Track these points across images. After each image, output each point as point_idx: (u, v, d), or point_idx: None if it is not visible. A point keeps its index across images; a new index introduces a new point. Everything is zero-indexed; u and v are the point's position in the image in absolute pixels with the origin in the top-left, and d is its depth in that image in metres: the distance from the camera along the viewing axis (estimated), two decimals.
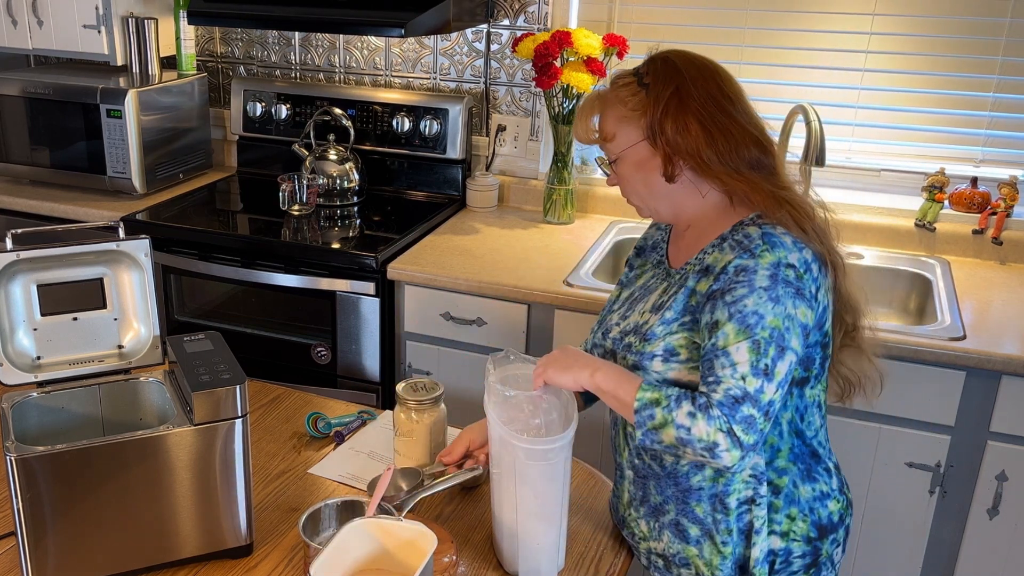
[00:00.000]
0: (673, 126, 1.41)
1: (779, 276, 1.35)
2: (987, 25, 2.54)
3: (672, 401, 1.35)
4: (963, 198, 2.61)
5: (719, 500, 1.44)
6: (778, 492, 1.44)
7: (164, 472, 1.36)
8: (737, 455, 1.32)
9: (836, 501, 1.49)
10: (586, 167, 2.96)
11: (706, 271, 1.42)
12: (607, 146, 1.50)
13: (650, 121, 1.42)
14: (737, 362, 1.32)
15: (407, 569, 1.17)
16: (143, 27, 2.97)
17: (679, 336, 1.41)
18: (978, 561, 2.22)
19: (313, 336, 2.62)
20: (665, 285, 1.51)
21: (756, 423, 1.32)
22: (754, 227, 1.41)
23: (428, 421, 1.64)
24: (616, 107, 1.47)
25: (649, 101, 1.42)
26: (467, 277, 2.42)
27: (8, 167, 3.05)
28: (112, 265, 1.49)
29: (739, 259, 1.37)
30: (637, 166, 1.47)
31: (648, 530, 1.52)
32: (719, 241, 1.44)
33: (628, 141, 1.46)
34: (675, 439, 1.34)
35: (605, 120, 1.49)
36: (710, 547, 1.46)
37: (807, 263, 1.38)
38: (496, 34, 2.91)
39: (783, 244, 1.37)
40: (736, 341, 1.33)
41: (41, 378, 1.45)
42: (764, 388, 1.32)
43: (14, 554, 1.41)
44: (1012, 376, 2.06)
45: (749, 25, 2.72)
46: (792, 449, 1.45)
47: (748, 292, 1.34)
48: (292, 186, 2.79)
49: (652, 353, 1.42)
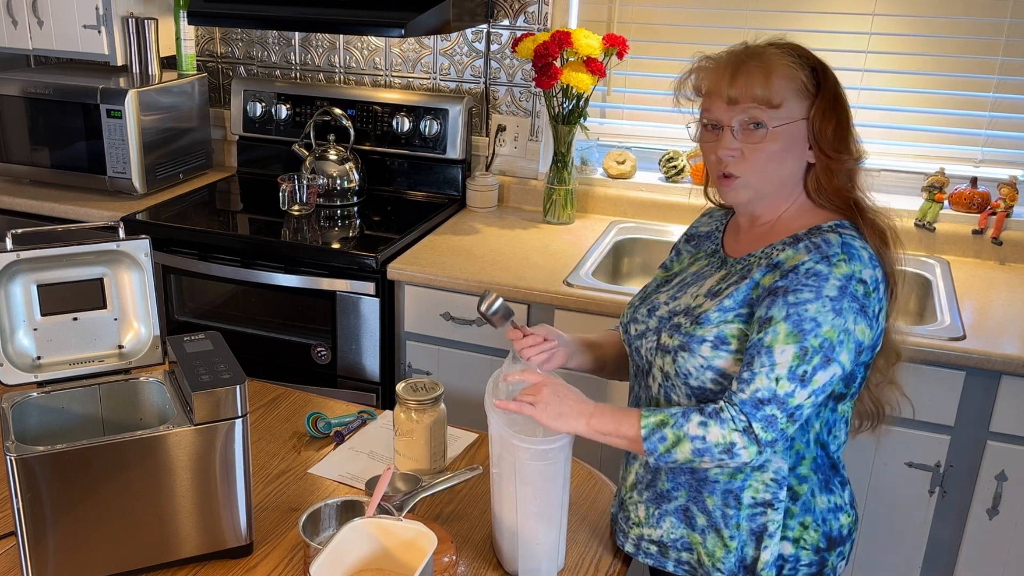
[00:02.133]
0: (838, 121, 1.40)
1: (848, 289, 1.33)
2: (987, 25, 2.54)
3: (679, 418, 1.35)
4: (963, 198, 2.61)
5: (732, 495, 1.43)
6: (796, 499, 1.44)
7: (164, 472, 1.36)
8: (755, 451, 1.33)
9: (847, 515, 1.49)
10: (586, 167, 2.96)
11: (775, 267, 1.39)
12: (766, 111, 1.39)
13: (818, 104, 1.39)
14: (778, 362, 1.31)
15: (407, 569, 1.17)
16: (143, 27, 2.97)
17: (734, 326, 1.39)
18: (978, 561, 2.22)
19: (313, 336, 2.62)
20: (723, 273, 1.48)
21: (777, 423, 1.32)
22: (834, 234, 1.38)
23: (428, 421, 1.64)
24: (793, 76, 1.39)
25: (822, 85, 1.40)
26: (467, 277, 2.42)
27: (8, 167, 3.05)
28: (112, 265, 1.49)
29: (813, 262, 1.35)
30: (789, 143, 1.40)
31: (646, 516, 1.51)
32: (792, 240, 1.41)
33: (793, 115, 1.39)
34: (691, 452, 1.34)
35: (774, 83, 1.38)
36: (714, 539, 1.46)
37: (877, 282, 1.36)
38: (496, 34, 2.91)
39: (860, 258, 1.35)
40: (785, 342, 1.32)
41: (41, 378, 1.45)
42: (795, 392, 1.31)
43: (14, 554, 1.41)
44: (1012, 376, 2.06)
45: (749, 25, 2.71)
46: (816, 459, 1.45)
47: (814, 298, 1.32)
48: (292, 186, 2.79)
49: (703, 337, 1.40)
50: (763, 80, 1.38)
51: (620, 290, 2.37)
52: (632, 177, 2.91)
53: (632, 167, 2.92)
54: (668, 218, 2.81)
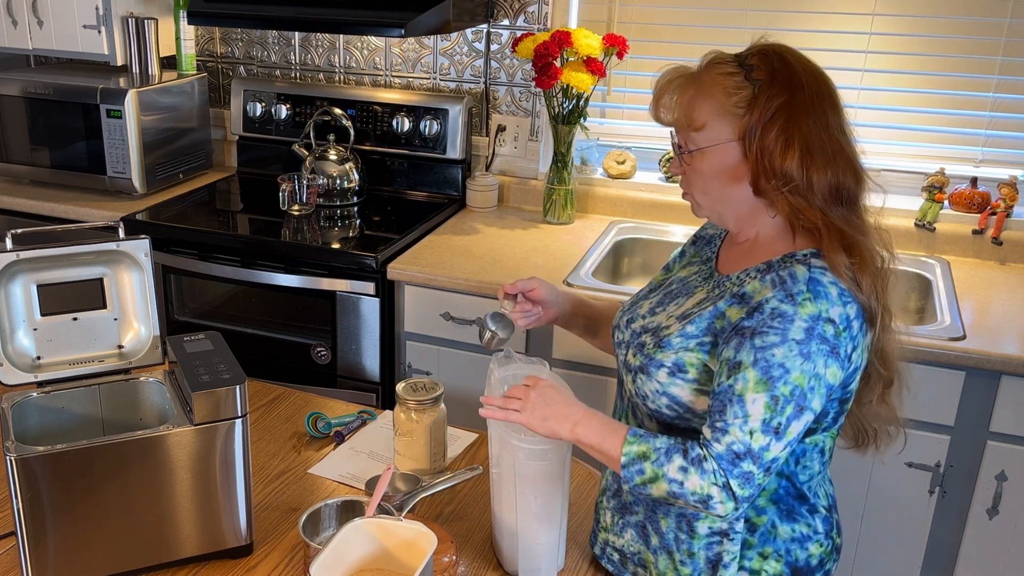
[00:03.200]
0: (775, 140, 1.29)
1: (815, 331, 1.25)
2: (987, 25, 2.54)
3: (662, 455, 1.29)
4: (963, 198, 2.61)
5: (686, 521, 1.40)
6: (754, 530, 1.39)
7: (164, 472, 1.36)
8: (731, 507, 1.27)
9: (819, 545, 1.42)
10: (586, 167, 2.96)
11: (741, 298, 1.33)
12: (690, 133, 1.35)
13: (750, 124, 1.30)
14: (750, 414, 1.25)
15: (407, 569, 1.17)
16: (143, 27, 2.97)
17: (693, 355, 1.35)
18: (978, 561, 2.22)
19: (313, 336, 2.62)
20: (702, 295, 1.42)
21: (754, 479, 1.27)
22: (802, 267, 1.30)
23: (428, 421, 1.64)
24: (715, 95, 1.32)
25: (757, 102, 1.29)
26: (467, 277, 2.42)
27: (8, 167, 3.05)
28: (112, 265, 1.49)
29: (778, 302, 1.27)
30: (718, 166, 1.34)
31: (611, 523, 1.49)
32: (765, 267, 1.35)
33: (718, 137, 1.33)
34: (666, 492, 1.29)
35: (697, 104, 1.33)
36: (666, 560, 1.43)
37: (848, 320, 1.28)
38: (496, 34, 2.91)
39: (827, 295, 1.28)
40: (755, 392, 1.25)
41: (41, 378, 1.45)
42: (771, 446, 1.26)
43: (14, 554, 1.41)
44: (1012, 376, 2.06)
45: (749, 25, 2.71)
46: (777, 490, 1.40)
47: (780, 342, 1.25)
48: (292, 186, 2.79)
49: (661, 362, 1.36)
50: (686, 102, 1.34)
51: (620, 290, 2.37)
52: (632, 177, 2.91)
53: (632, 167, 2.92)
54: (668, 218, 2.81)
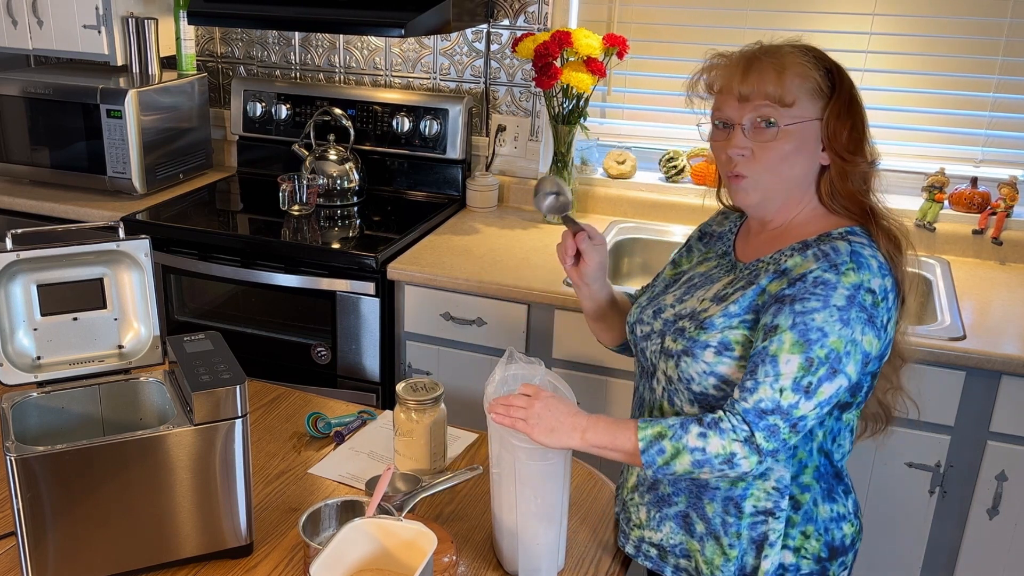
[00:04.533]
0: (853, 123, 1.38)
1: (856, 299, 1.30)
2: (987, 25, 2.54)
3: (678, 429, 1.33)
4: (963, 198, 2.61)
5: (733, 503, 1.42)
6: (798, 508, 1.42)
7: (164, 472, 1.36)
8: (755, 460, 1.31)
9: (851, 524, 1.48)
10: (586, 167, 2.96)
11: (783, 273, 1.36)
12: (778, 109, 1.37)
13: (833, 106, 1.37)
14: (782, 373, 1.29)
15: (407, 569, 1.17)
16: (143, 27, 2.97)
17: (738, 332, 1.37)
18: (978, 561, 2.22)
19: (313, 336, 2.62)
20: (731, 277, 1.46)
21: (780, 433, 1.30)
22: (843, 241, 1.36)
23: (428, 421, 1.64)
24: (808, 75, 1.37)
25: (837, 86, 1.39)
26: (467, 277, 2.42)
27: (8, 167, 3.05)
28: (112, 265, 1.49)
29: (821, 271, 1.32)
30: (799, 143, 1.38)
31: (647, 518, 1.50)
32: (801, 246, 1.39)
33: (806, 114, 1.37)
34: (690, 464, 1.32)
35: (787, 81, 1.36)
36: (713, 546, 1.44)
37: (887, 291, 1.33)
38: (496, 34, 2.91)
39: (869, 267, 1.33)
40: (790, 352, 1.29)
41: (41, 378, 1.45)
42: (799, 404, 1.29)
43: (14, 554, 1.41)
44: (1012, 376, 2.06)
45: (749, 25, 2.71)
46: (819, 467, 1.43)
47: (821, 307, 1.30)
48: (292, 186, 2.79)
49: (706, 342, 1.38)
50: (776, 77, 1.36)
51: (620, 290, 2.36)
52: (632, 177, 2.91)
53: (632, 167, 2.92)
54: (668, 218, 2.81)
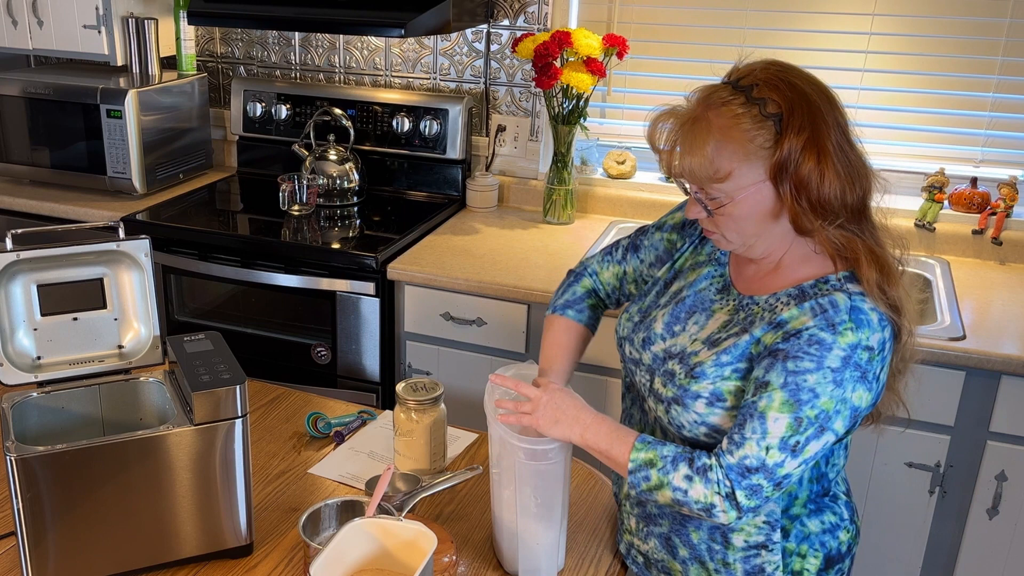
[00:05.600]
0: (811, 173, 1.24)
1: (852, 359, 1.25)
2: (987, 25, 2.54)
3: (668, 463, 1.31)
4: (963, 198, 2.61)
5: (720, 533, 1.40)
6: (787, 535, 1.41)
7: (164, 472, 1.36)
8: (733, 516, 1.29)
9: (846, 531, 1.46)
10: (586, 167, 2.96)
11: (778, 325, 1.30)
12: (713, 186, 1.29)
13: (780, 161, 1.25)
14: (770, 431, 1.25)
15: (407, 569, 1.17)
16: (143, 27, 2.97)
17: (730, 383, 1.33)
18: (978, 561, 2.22)
19: (313, 336, 2.62)
20: (725, 317, 1.39)
21: (762, 491, 1.28)
22: (842, 295, 1.28)
23: (428, 421, 1.64)
24: (735, 139, 1.26)
25: (784, 138, 1.24)
26: (467, 277, 2.42)
27: (8, 167, 3.05)
28: (112, 265, 1.49)
29: (818, 329, 1.25)
30: (753, 209, 1.29)
31: (636, 528, 1.50)
32: (798, 293, 1.32)
33: (748, 181, 1.27)
34: (671, 500, 1.31)
35: (718, 154, 1.26)
36: (698, 570, 1.43)
37: (884, 343, 1.28)
38: (496, 34, 2.91)
39: (869, 323, 1.26)
40: (779, 411, 1.25)
41: (41, 378, 1.45)
42: (785, 463, 1.26)
43: (14, 554, 1.41)
44: (1012, 376, 2.06)
45: (749, 25, 2.71)
46: (809, 495, 1.42)
47: (814, 368, 1.24)
48: (292, 186, 2.79)
49: (698, 393, 1.34)
50: (701, 152, 1.27)
51: None
52: (632, 177, 2.91)
53: (632, 167, 2.92)
54: None
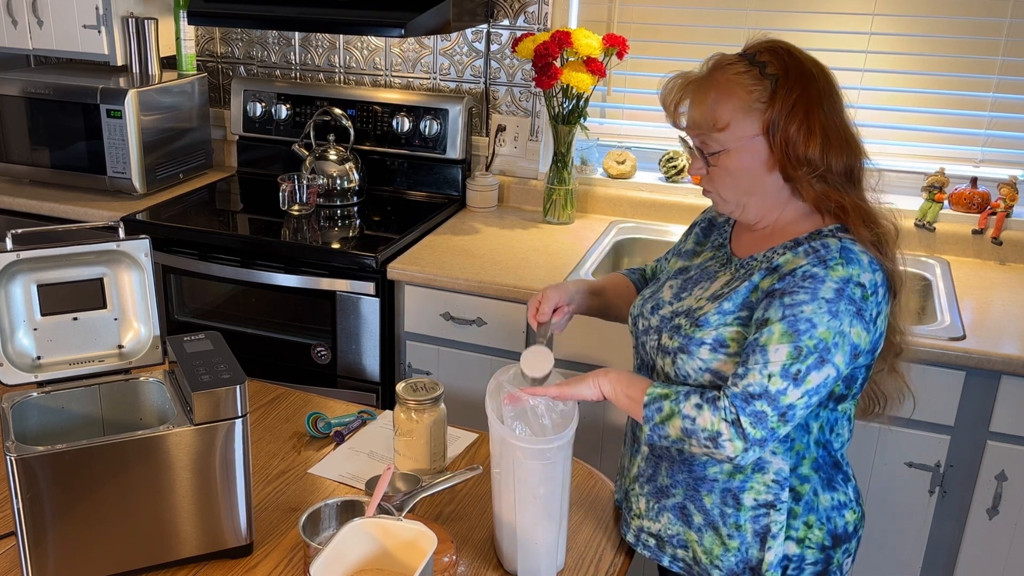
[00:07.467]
0: (798, 130, 1.35)
1: (845, 292, 1.32)
2: (987, 25, 2.54)
3: (681, 395, 1.38)
4: (963, 198, 2.61)
5: (732, 495, 1.44)
6: (798, 499, 1.44)
7: (164, 472, 1.36)
8: (740, 446, 1.33)
9: (853, 511, 1.49)
10: (586, 167, 2.96)
11: (774, 270, 1.38)
12: (713, 135, 1.39)
13: (773, 117, 1.35)
14: (771, 360, 1.31)
15: (407, 569, 1.17)
16: (143, 27, 2.97)
17: (732, 328, 1.39)
18: (978, 561, 2.22)
19: (313, 336, 2.62)
20: (727, 277, 1.48)
21: (767, 420, 1.32)
22: (834, 239, 1.37)
23: (428, 421, 1.64)
24: (736, 93, 1.37)
25: (777, 96, 1.35)
26: (467, 277, 2.42)
27: (8, 167, 3.05)
28: (112, 265, 1.49)
29: (810, 266, 1.34)
30: (747, 161, 1.39)
31: (646, 508, 1.52)
32: (793, 244, 1.41)
33: (744, 133, 1.37)
34: (680, 430, 1.36)
35: (719, 105, 1.37)
36: (712, 536, 1.46)
37: (876, 286, 1.35)
38: (496, 34, 2.91)
39: (859, 261, 1.34)
40: (779, 342, 1.31)
41: (41, 378, 1.45)
42: (787, 391, 1.31)
43: (14, 554, 1.41)
44: (1012, 376, 2.06)
45: (749, 25, 2.71)
46: (816, 458, 1.45)
47: (809, 299, 1.32)
48: (292, 186, 2.79)
49: (701, 340, 1.41)
50: (704, 104, 1.38)
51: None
52: (632, 177, 2.91)
53: (632, 167, 2.92)
54: (668, 218, 2.81)
